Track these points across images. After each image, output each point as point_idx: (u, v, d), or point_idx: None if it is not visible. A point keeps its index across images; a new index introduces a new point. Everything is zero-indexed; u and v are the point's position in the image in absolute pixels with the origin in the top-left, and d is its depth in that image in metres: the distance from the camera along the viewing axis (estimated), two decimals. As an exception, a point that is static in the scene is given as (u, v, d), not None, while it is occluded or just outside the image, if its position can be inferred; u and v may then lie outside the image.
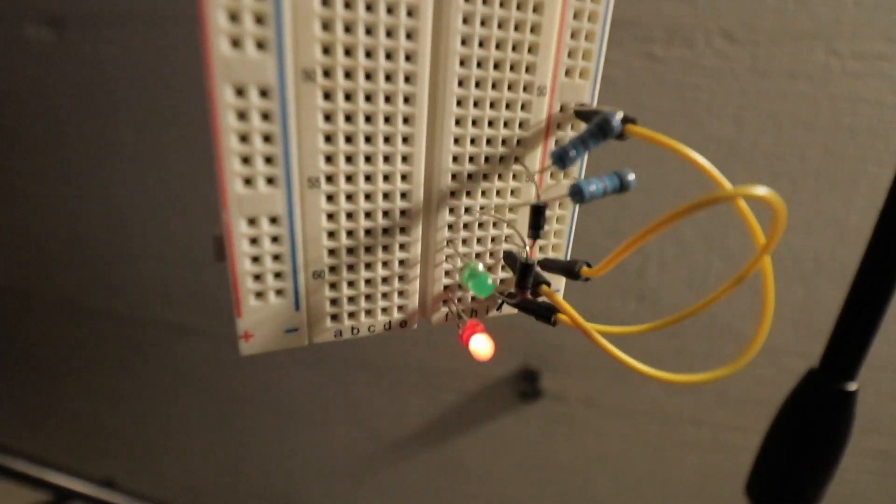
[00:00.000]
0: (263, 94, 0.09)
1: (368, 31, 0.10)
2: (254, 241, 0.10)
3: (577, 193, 0.09)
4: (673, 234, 0.39)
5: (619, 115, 0.09)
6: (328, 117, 0.10)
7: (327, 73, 0.10)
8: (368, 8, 0.09)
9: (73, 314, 0.53)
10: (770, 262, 0.11)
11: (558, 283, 0.13)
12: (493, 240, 0.12)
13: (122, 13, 0.41)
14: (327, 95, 0.10)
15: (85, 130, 0.46)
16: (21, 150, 0.49)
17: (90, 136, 0.46)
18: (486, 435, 0.48)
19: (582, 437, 0.46)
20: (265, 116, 0.09)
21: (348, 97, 0.10)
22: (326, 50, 0.09)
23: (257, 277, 0.11)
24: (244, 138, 0.09)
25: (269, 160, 0.10)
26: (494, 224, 0.12)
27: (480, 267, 0.12)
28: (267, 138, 0.10)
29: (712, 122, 0.36)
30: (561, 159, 0.09)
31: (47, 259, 0.52)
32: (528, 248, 0.12)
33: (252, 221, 0.10)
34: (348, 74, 0.10)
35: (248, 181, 0.10)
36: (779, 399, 0.19)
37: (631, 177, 0.09)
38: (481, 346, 0.11)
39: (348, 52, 0.10)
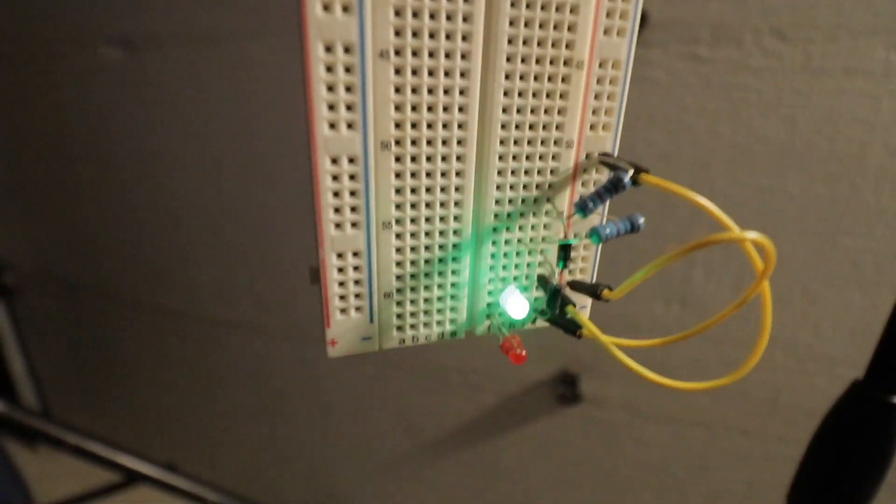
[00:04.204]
0: (351, 160, 0.13)
1: (430, 109, 0.13)
2: (341, 269, 0.14)
3: (594, 235, 0.12)
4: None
5: (630, 173, 0.12)
6: (398, 175, 0.14)
7: (398, 143, 0.13)
8: (430, 91, 0.13)
9: (140, 311, 0.60)
10: (769, 288, 0.14)
11: (585, 301, 0.16)
12: (528, 265, 0.15)
13: (185, 33, 0.46)
14: (398, 159, 0.13)
15: (152, 143, 0.52)
16: (95, 162, 0.55)
17: (157, 149, 0.52)
18: (524, 437, 0.50)
19: (622, 443, 0.47)
20: (352, 177, 0.13)
21: (413, 159, 0.13)
22: (398, 125, 0.13)
23: (342, 297, 0.14)
24: (336, 194, 0.13)
25: (353, 209, 0.13)
26: (529, 253, 0.15)
27: (518, 294, 0.15)
28: (353, 193, 0.13)
29: (762, 122, 0.36)
30: (582, 210, 0.12)
31: (120, 262, 0.59)
32: (557, 275, 0.15)
33: (340, 255, 0.14)
34: (414, 142, 0.13)
35: (338, 225, 0.14)
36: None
37: (641, 220, 0.12)
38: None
39: (414, 125, 0.13)
